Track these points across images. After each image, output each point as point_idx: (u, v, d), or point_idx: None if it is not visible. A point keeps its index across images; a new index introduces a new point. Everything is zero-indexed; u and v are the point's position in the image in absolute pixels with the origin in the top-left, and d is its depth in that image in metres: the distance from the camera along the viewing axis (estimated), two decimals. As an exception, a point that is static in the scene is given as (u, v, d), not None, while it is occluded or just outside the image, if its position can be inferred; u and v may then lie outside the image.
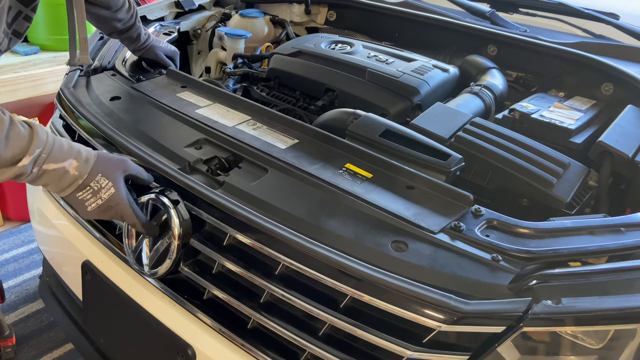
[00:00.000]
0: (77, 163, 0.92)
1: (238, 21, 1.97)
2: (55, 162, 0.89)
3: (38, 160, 0.87)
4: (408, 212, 0.97)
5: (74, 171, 0.91)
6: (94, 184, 0.94)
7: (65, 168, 0.90)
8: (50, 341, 1.89)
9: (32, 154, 0.86)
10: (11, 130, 0.84)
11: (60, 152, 0.90)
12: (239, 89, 1.67)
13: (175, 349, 1.03)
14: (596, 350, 0.79)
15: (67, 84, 1.41)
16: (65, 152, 0.91)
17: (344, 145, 1.15)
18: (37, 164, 0.87)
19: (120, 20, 1.42)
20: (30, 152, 0.86)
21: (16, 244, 2.42)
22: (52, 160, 0.89)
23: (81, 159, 0.93)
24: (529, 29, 1.77)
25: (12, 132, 0.84)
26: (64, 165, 0.90)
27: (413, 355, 0.82)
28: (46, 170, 0.89)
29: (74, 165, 0.91)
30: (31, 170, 0.87)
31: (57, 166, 0.89)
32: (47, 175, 0.89)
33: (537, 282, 0.81)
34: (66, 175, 0.91)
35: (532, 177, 1.12)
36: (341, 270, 0.87)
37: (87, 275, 1.23)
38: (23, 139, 0.86)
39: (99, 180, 0.94)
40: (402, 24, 1.89)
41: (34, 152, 0.86)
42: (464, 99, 1.46)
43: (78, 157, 0.92)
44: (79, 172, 0.92)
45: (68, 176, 0.91)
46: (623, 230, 0.90)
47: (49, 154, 0.88)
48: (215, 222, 1.01)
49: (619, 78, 1.46)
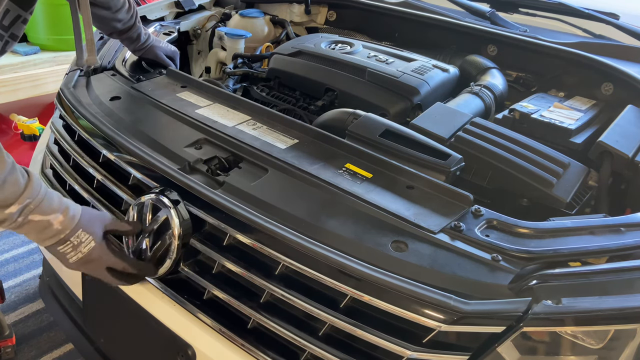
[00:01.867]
0: (63, 218, 0.94)
1: (238, 21, 1.97)
2: (42, 214, 0.92)
3: (25, 210, 0.90)
4: (408, 212, 0.97)
5: (58, 225, 0.94)
6: (74, 238, 0.96)
7: (50, 221, 0.93)
8: (50, 341, 1.89)
9: (21, 203, 0.88)
10: (10, 175, 0.87)
11: (49, 206, 0.92)
12: (239, 89, 1.67)
13: (175, 349, 1.03)
14: (596, 350, 0.79)
15: (67, 84, 1.41)
16: (53, 207, 0.93)
17: (344, 145, 1.15)
18: (24, 213, 0.90)
19: (121, 21, 1.42)
20: (20, 201, 0.88)
21: (16, 244, 2.41)
22: (38, 212, 0.91)
23: (68, 215, 0.95)
24: (529, 29, 1.77)
25: (10, 177, 0.87)
26: (49, 219, 0.92)
27: (413, 355, 0.82)
28: (31, 221, 0.91)
29: (59, 220, 0.94)
30: (16, 218, 0.89)
31: (42, 218, 0.92)
32: (30, 225, 0.91)
33: (537, 282, 0.81)
34: (49, 228, 0.93)
35: (532, 177, 1.12)
36: (341, 270, 0.87)
37: (87, 275, 1.23)
38: (18, 187, 0.88)
39: (79, 235, 0.96)
40: (402, 24, 1.89)
41: (24, 201, 0.89)
42: (464, 99, 1.46)
43: (65, 212, 0.95)
44: (62, 226, 0.94)
45: (51, 229, 0.93)
46: (623, 230, 0.90)
47: (37, 206, 0.91)
48: (215, 222, 1.01)
49: (619, 78, 1.46)
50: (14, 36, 1.17)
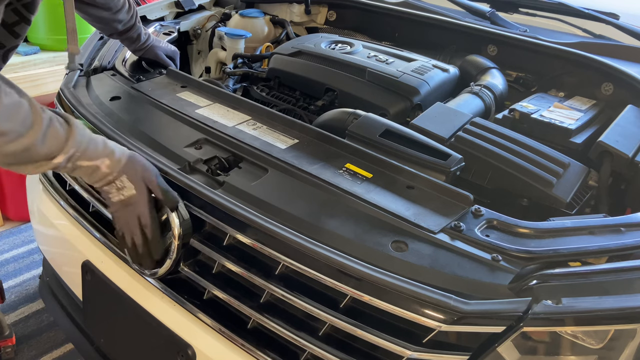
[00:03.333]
0: (109, 162, 0.97)
1: (238, 21, 1.97)
2: (89, 160, 0.95)
3: (72, 158, 0.93)
4: (408, 212, 0.97)
5: (105, 169, 0.97)
6: (118, 182, 1.00)
7: (98, 165, 0.96)
8: (50, 341, 1.89)
9: (66, 153, 0.92)
10: (49, 129, 0.89)
11: (94, 151, 0.96)
12: (239, 89, 1.67)
13: (175, 349, 1.04)
14: (596, 350, 0.79)
15: (67, 84, 1.41)
16: (99, 152, 0.96)
17: (344, 145, 1.15)
18: (71, 160, 0.93)
19: (121, 22, 1.42)
20: (65, 151, 0.91)
21: (16, 244, 2.42)
22: (85, 158, 0.95)
23: (114, 159, 0.98)
24: (529, 29, 1.77)
25: (49, 130, 0.89)
26: (97, 163, 0.96)
27: (413, 355, 0.82)
28: (80, 166, 0.95)
29: (106, 164, 0.97)
30: (65, 165, 0.93)
31: (90, 164, 0.95)
32: (80, 169, 0.96)
33: (537, 282, 0.81)
34: (97, 171, 0.97)
35: (532, 177, 1.12)
36: (341, 270, 0.87)
37: (87, 275, 1.23)
38: (60, 139, 0.91)
39: (123, 180, 1.00)
40: (402, 24, 1.89)
41: (69, 151, 0.92)
42: (464, 99, 1.46)
43: (111, 156, 0.98)
44: (110, 169, 0.98)
45: (99, 172, 0.97)
46: (623, 230, 0.90)
47: (83, 153, 0.94)
48: (215, 222, 1.01)
49: (619, 78, 1.46)
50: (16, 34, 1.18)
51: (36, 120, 0.88)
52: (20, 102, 0.87)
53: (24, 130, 0.86)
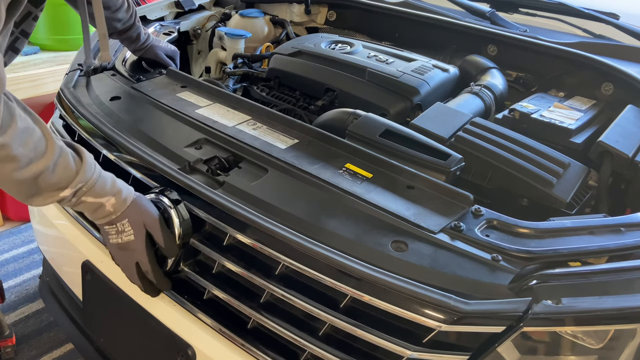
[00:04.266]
0: (115, 201, 0.96)
1: (238, 21, 1.97)
2: (95, 197, 0.94)
3: (78, 193, 0.92)
4: (408, 212, 0.97)
5: (110, 207, 0.96)
6: (119, 225, 0.99)
7: (103, 203, 0.95)
8: (50, 341, 1.89)
9: (74, 187, 0.90)
10: (60, 159, 0.88)
11: (102, 189, 0.95)
12: (239, 89, 1.67)
13: (175, 349, 1.03)
14: (596, 350, 0.79)
15: (67, 84, 1.41)
16: (107, 190, 0.95)
17: (344, 145, 1.15)
18: (77, 195, 0.92)
19: (120, 21, 1.42)
20: (73, 185, 0.90)
21: (16, 244, 2.42)
22: (91, 194, 0.93)
23: (120, 199, 0.97)
24: (529, 29, 1.77)
25: (60, 160, 0.88)
26: (102, 201, 0.95)
27: (413, 355, 0.82)
28: (84, 201, 0.93)
29: (111, 202, 0.96)
30: (70, 199, 0.92)
31: (95, 200, 0.94)
32: (84, 204, 0.94)
33: (537, 282, 0.81)
34: (101, 209, 0.96)
35: (532, 177, 1.12)
36: (341, 270, 0.87)
37: (87, 275, 1.23)
38: (70, 170, 0.90)
39: (124, 223, 0.99)
40: (402, 24, 1.89)
41: (77, 185, 0.91)
42: (464, 99, 1.46)
43: (118, 195, 0.97)
44: (114, 209, 0.97)
45: (103, 210, 0.96)
46: (623, 230, 0.90)
47: (90, 189, 0.93)
48: (215, 222, 1.01)
49: (619, 78, 1.46)
50: (24, 33, 1.18)
51: (49, 148, 0.87)
52: (34, 129, 0.85)
53: (35, 157, 0.84)
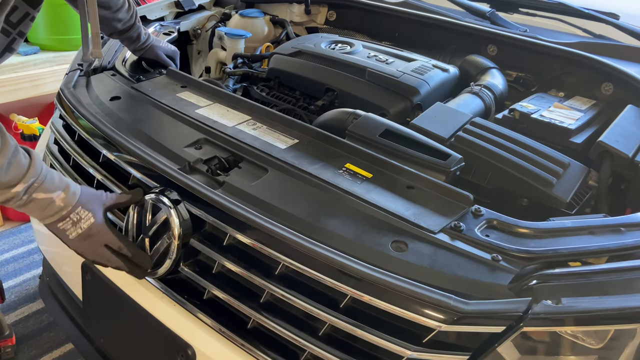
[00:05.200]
0: (64, 195, 0.97)
1: (238, 21, 1.97)
2: (45, 192, 0.94)
3: (30, 189, 0.92)
4: (408, 212, 0.97)
5: (59, 202, 0.96)
6: (73, 215, 0.98)
7: (53, 198, 0.95)
8: (50, 341, 1.89)
9: (26, 182, 0.91)
10: (14, 157, 0.90)
11: (51, 183, 0.96)
12: (239, 89, 1.67)
13: (175, 349, 1.03)
14: (596, 350, 0.79)
15: (67, 84, 1.41)
16: (55, 184, 0.96)
17: (344, 145, 1.15)
18: (29, 192, 0.93)
19: (120, 21, 1.42)
20: (25, 180, 0.91)
21: (16, 244, 2.42)
22: (42, 190, 0.94)
23: (68, 192, 0.98)
24: (529, 29, 1.77)
25: (14, 159, 0.90)
26: (52, 196, 0.95)
27: (413, 355, 0.82)
28: (35, 199, 0.94)
29: (60, 197, 0.96)
30: (22, 196, 0.92)
31: (46, 196, 0.95)
32: (35, 203, 0.94)
33: (537, 282, 0.81)
34: (51, 205, 0.96)
35: (532, 177, 1.12)
36: (341, 270, 0.87)
37: (87, 275, 1.23)
38: (22, 167, 0.91)
39: (79, 212, 0.99)
40: (402, 24, 1.89)
41: (28, 180, 0.92)
42: (464, 99, 1.46)
43: (66, 189, 0.97)
44: (64, 203, 0.97)
45: (53, 206, 0.96)
46: (623, 230, 0.90)
47: (40, 184, 0.94)
48: (215, 222, 1.01)
49: (619, 78, 1.46)
50: (21, 33, 1.18)
51: (4, 145, 0.88)
52: None
53: None
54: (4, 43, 1.17)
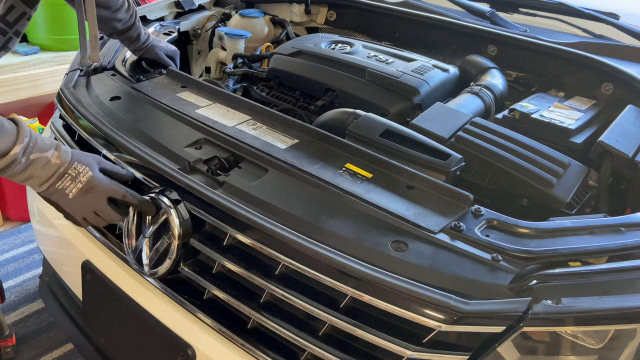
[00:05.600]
0: (58, 152, 0.98)
1: (238, 21, 1.97)
2: (40, 151, 0.96)
3: (27, 149, 0.94)
4: (408, 212, 0.97)
5: (55, 160, 0.97)
6: (71, 170, 0.99)
7: (48, 157, 0.97)
8: (50, 341, 1.89)
9: (21, 142, 0.93)
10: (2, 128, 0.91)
11: (43, 143, 0.97)
12: (239, 89, 1.67)
13: (175, 349, 1.03)
14: (596, 350, 0.79)
15: (67, 84, 1.41)
16: (47, 144, 0.97)
17: (344, 145, 1.15)
18: (26, 152, 0.93)
19: (120, 20, 1.42)
20: (20, 140, 0.92)
21: (16, 244, 2.42)
22: (37, 149, 0.95)
23: (61, 150, 0.99)
24: (529, 29, 1.77)
25: (2, 129, 0.91)
26: (47, 155, 0.96)
27: (413, 355, 0.82)
28: (33, 160, 0.95)
29: (55, 155, 0.98)
30: (21, 158, 0.93)
31: (42, 155, 0.96)
32: (33, 164, 0.95)
33: (537, 282, 0.81)
34: (49, 165, 0.97)
35: (532, 177, 1.12)
36: (341, 270, 0.87)
37: (87, 275, 1.23)
38: (11, 132, 0.92)
39: (76, 166, 1.00)
40: (402, 24, 1.89)
41: (23, 140, 0.93)
42: (464, 99, 1.46)
43: (58, 147, 0.99)
44: (60, 160, 0.98)
45: (50, 165, 0.97)
46: (623, 230, 0.90)
47: (35, 144, 0.95)
48: (215, 222, 1.01)
49: (619, 78, 1.46)
50: (17, 33, 1.18)
51: None
52: None
53: None
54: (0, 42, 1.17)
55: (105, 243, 1.21)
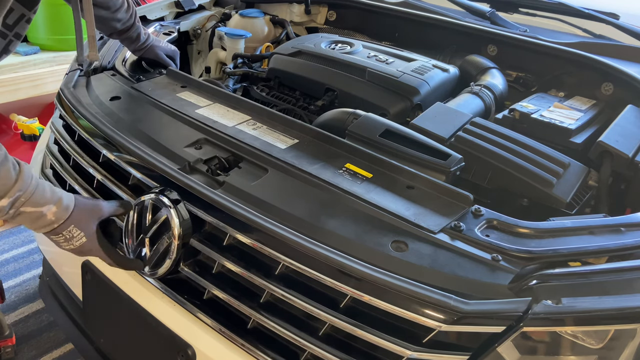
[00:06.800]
0: (56, 209, 0.95)
1: (238, 21, 1.97)
2: (34, 206, 0.92)
3: (16, 203, 0.90)
4: (408, 212, 0.97)
5: (51, 216, 0.95)
6: (66, 232, 0.98)
7: (43, 212, 0.94)
8: (50, 341, 1.89)
9: (11, 196, 0.89)
10: (2, 166, 0.87)
11: (41, 197, 0.93)
12: (239, 89, 1.67)
13: (175, 349, 1.03)
14: (596, 350, 0.79)
15: (67, 84, 1.41)
16: (46, 198, 0.94)
17: (344, 145, 1.15)
18: (15, 206, 0.90)
19: (120, 21, 1.42)
20: (10, 194, 0.89)
21: (16, 244, 2.41)
22: (30, 204, 0.92)
23: (61, 207, 0.96)
24: (529, 29, 1.77)
25: (2, 168, 0.87)
26: (42, 210, 0.93)
27: (413, 355, 0.82)
28: (23, 212, 0.92)
29: (52, 211, 0.95)
30: (8, 210, 0.90)
31: (34, 210, 0.93)
32: (23, 216, 0.93)
33: (537, 282, 0.81)
34: (42, 218, 0.94)
35: (532, 177, 1.12)
36: (341, 270, 0.87)
37: (87, 275, 1.23)
38: (9, 180, 0.88)
39: (71, 230, 0.98)
40: (402, 24, 1.89)
41: (14, 194, 0.89)
42: (464, 99, 1.46)
43: (58, 203, 0.96)
44: (55, 217, 0.96)
45: (45, 219, 0.95)
46: (623, 230, 0.90)
47: (28, 199, 0.91)
48: (215, 222, 1.01)
49: (619, 78, 1.46)
50: (17, 35, 1.18)
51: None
52: None
53: None
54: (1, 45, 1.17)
55: (105, 243, 1.21)
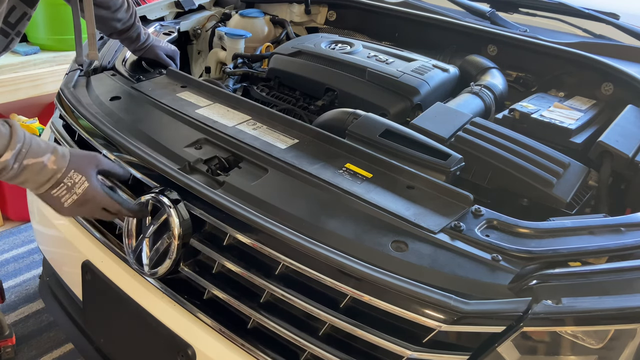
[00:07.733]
0: (55, 157, 0.95)
1: (238, 21, 1.97)
2: (34, 156, 0.92)
3: (19, 155, 0.90)
4: (408, 212, 0.97)
5: (52, 165, 0.95)
6: (67, 180, 0.97)
7: (44, 162, 0.94)
8: (50, 341, 1.89)
9: (13, 148, 0.89)
10: None
11: (38, 147, 0.94)
12: (239, 89, 1.67)
13: (175, 349, 1.03)
14: (596, 350, 0.79)
15: (67, 84, 1.41)
16: (43, 148, 0.94)
17: (344, 145, 1.15)
18: (18, 159, 0.90)
19: (120, 20, 1.42)
20: (12, 147, 0.89)
21: (16, 244, 2.42)
22: (31, 155, 0.92)
23: (58, 154, 0.96)
24: (529, 29, 1.77)
25: None
26: (43, 160, 0.93)
27: (413, 355, 0.82)
28: (26, 165, 0.92)
29: (52, 160, 0.95)
30: (12, 164, 0.90)
31: (37, 160, 0.93)
32: (27, 170, 0.92)
33: (537, 282, 0.81)
34: (45, 170, 0.94)
35: (532, 177, 1.12)
36: (341, 270, 0.87)
37: (87, 275, 1.23)
38: (4, 137, 0.89)
39: (72, 176, 0.97)
40: (402, 24, 1.89)
41: (15, 147, 0.89)
42: (464, 99, 1.46)
43: (55, 152, 0.96)
44: (57, 166, 0.95)
45: (46, 170, 0.94)
46: (623, 230, 0.90)
47: (28, 149, 0.92)
48: (215, 222, 1.01)
49: (619, 78, 1.46)
50: (19, 33, 1.19)
51: None
52: None
53: None
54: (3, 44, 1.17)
55: (105, 243, 1.21)
